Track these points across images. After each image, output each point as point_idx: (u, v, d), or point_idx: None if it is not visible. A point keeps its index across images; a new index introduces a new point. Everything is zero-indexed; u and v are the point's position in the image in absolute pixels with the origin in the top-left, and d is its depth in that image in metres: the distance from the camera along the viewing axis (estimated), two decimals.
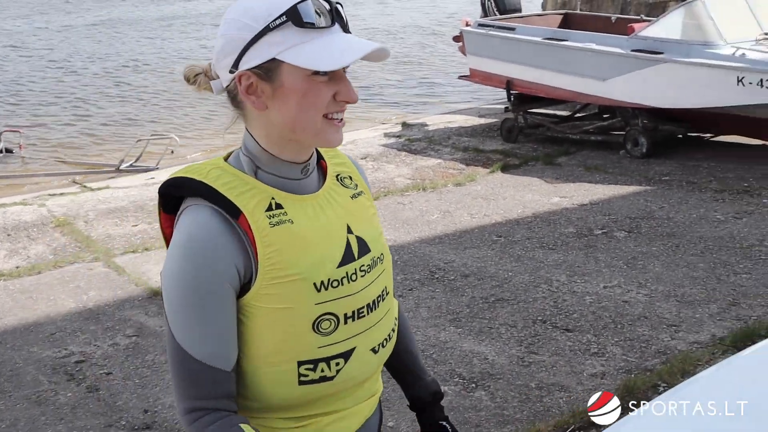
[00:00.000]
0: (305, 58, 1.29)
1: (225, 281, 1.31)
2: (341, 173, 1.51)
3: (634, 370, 3.92)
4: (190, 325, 1.32)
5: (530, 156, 8.92)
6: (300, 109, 1.32)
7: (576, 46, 8.89)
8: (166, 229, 1.44)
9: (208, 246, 1.30)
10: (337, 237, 1.41)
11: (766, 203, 6.44)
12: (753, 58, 7.42)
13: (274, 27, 1.29)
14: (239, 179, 1.36)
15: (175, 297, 1.32)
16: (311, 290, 1.34)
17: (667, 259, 5.39)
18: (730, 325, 4.32)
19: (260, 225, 1.32)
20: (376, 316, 1.45)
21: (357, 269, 1.41)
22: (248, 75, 1.33)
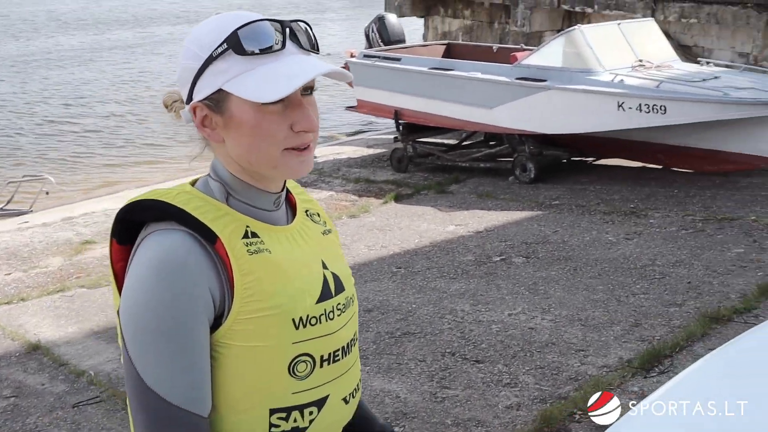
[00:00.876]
0: (248, 88, 1.18)
1: (202, 311, 1.18)
2: (309, 209, 1.41)
3: (549, 399, 3.87)
4: (164, 361, 1.16)
5: (422, 185, 8.93)
6: (253, 143, 1.22)
7: (462, 75, 9.00)
8: (117, 263, 1.28)
9: (185, 269, 1.17)
10: (313, 270, 1.30)
11: (653, 223, 6.63)
12: (631, 84, 7.71)
13: (217, 56, 1.20)
14: (211, 204, 1.24)
15: (145, 330, 1.16)
16: (289, 326, 1.22)
17: (567, 282, 5.43)
18: (636, 346, 4.36)
19: (238, 252, 1.20)
20: (348, 360, 1.34)
21: (334, 307, 1.30)
22: (201, 107, 1.23)
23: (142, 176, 11.21)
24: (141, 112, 15.69)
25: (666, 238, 6.20)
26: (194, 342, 1.17)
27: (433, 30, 15.55)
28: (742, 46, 10.87)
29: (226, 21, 1.22)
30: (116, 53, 25.26)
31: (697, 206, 7.02)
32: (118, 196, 9.55)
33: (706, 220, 6.56)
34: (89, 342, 5.16)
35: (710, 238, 6.09)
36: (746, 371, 2.13)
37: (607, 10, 12.17)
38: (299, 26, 1.24)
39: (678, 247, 5.97)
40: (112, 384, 4.46)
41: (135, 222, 1.25)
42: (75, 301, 5.94)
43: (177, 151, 12.64)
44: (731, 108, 7.18)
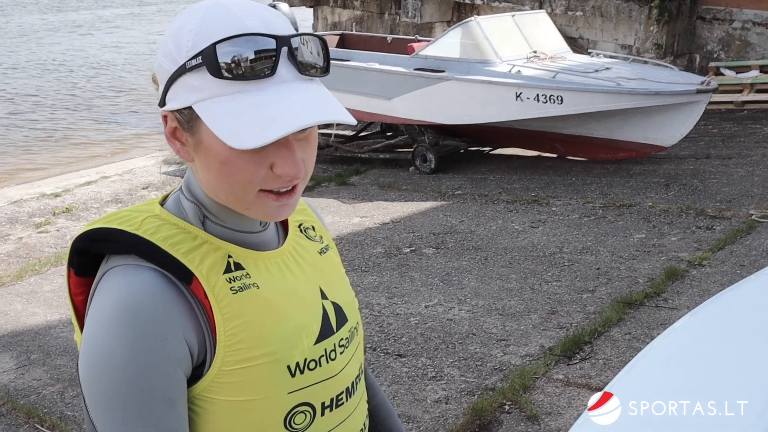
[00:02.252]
0: (219, 122, 0.94)
1: (176, 365, 0.98)
2: (303, 222, 1.20)
3: (476, 391, 3.85)
4: (131, 428, 0.96)
5: (322, 177, 8.80)
6: (221, 179, 1.00)
7: (359, 66, 8.92)
8: (76, 296, 1.08)
9: (155, 316, 0.96)
10: (311, 304, 1.10)
11: (556, 211, 6.77)
12: (528, 74, 7.84)
13: (190, 68, 0.96)
14: (185, 232, 1.04)
15: (108, 390, 0.96)
16: (284, 375, 1.03)
17: (480, 272, 5.45)
18: (555, 334, 4.41)
19: (219, 292, 1.00)
20: (353, 401, 1.16)
21: (336, 345, 1.11)
22: (172, 117, 1.01)
23: (23, 173, 10.54)
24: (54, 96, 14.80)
25: (570, 226, 6.34)
26: (167, 404, 0.98)
27: (323, 20, 15.40)
28: (625, 38, 11.30)
29: (210, 23, 0.96)
30: None
31: (595, 193, 7.22)
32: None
33: (606, 206, 6.75)
34: None
35: (612, 225, 6.27)
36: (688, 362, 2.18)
37: (496, 2, 12.38)
38: (305, 41, 0.98)
39: (583, 234, 6.11)
40: (11, 397, 4.12)
41: (94, 253, 1.05)
42: None
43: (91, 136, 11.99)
44: (624, 98, 7.42)
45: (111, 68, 18.97)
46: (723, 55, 10.94)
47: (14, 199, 8.46)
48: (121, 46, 22.95)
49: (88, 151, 11.72)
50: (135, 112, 14.29)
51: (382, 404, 1.39)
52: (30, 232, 7.31)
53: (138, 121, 13.54)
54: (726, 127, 9.37)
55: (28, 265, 6.26)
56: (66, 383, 4.25)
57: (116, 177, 9.50)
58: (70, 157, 11.35)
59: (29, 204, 8.26)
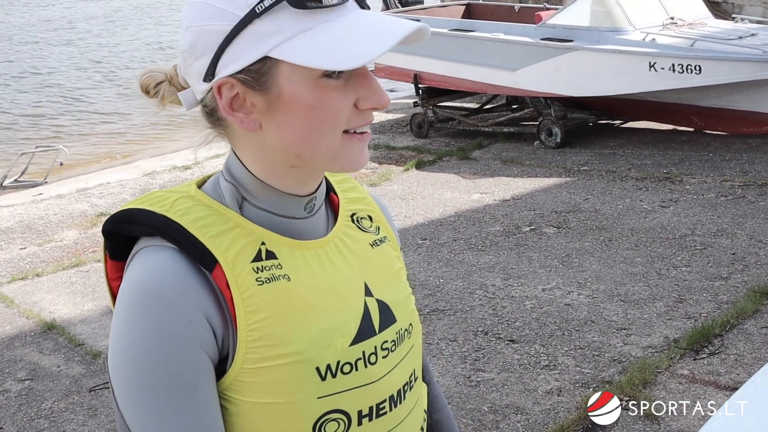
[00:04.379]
0: (313, 53, 0.89)
1: (203, 350, 0.91)
2: (358, 212, 1.10)
3: (592, 383, 3.64)
4: (166, 421, 0.90)
5: (444, 151, 8.65)
6: (309, 127, 0.93)
7: (484, 36, 8.67)
8: (113, 281, 1.02)
9: (175, 299, 0.90)
10: (351, 301, 1.01)
11: (690, 190, 6.34)
12: (663, 43, 7.36)
13: (262, 11, 0.89)
14: (217, 214, 0.97)
15: (135, 380, 0.90)
16: (313, 378, 0.94)
17: (602, 254, 5.18)
18: (681, 324, 4.11)
19: (243, 282, 0.93)
20: (401, 412, 1.04)
21: (378, 347, 1.01)
22: (231, 83, 0.93)
23: (158, 145, 10.98)
24: None
25: (704, 206, 5.91)
26: (198, 394, 0.91)
27: None
28: None
29: None
30: (135, 19, 24.94)
31: (734, 171, 6.70)
32: (134, 165, 9.36)
33: (746, 185, 6.25)
34: (106, 320, 4.98)
35: (752, 205, 5.79)
36: None
37: None
38: None
39: (718, 215, 5.68)
40: None
41: (126, 235, 0.99)
42: (91, 276, 5.75)
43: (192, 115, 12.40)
44: None
45: None
46: None
47: (148, 171, 8.82)
48: None
49: None
50: None
51: (444, 421, 1.26)
52: None
53: None
54: None
55: None
56: None
57: None
58: None
59: (161, 176, 8.58)
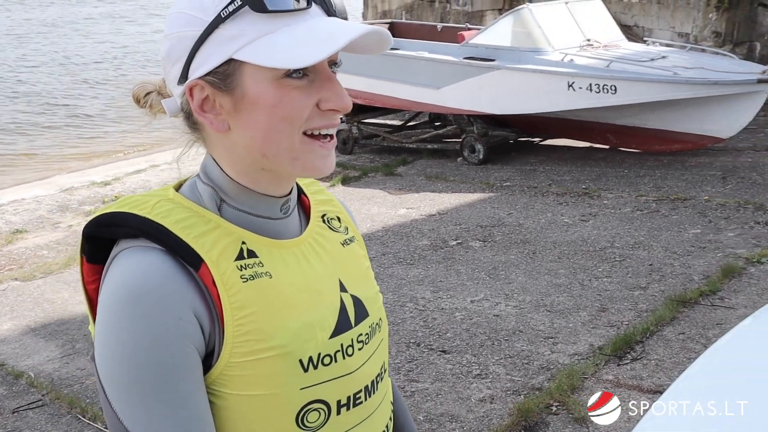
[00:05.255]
0: (272, 53, 0.93)
1: (192, 346, 0.94)
2: (327, 213, 1.16)
3: (522, 390, 3.74)
4: (153, 413, 0.93)
5: (369, 167, 8.73)
6: (271, 126, 0.97)
7: (409, 54, 8.81)
8: (89, 284, 1.04)
9: (167, 297, 0.93)
10: (328, 297, 1.06)
11: (608, 204, 6.59)
12: (581, 63, 7.64)
13: (226, 16, 0.95)
14: (198, 216, 1.00)
15: (127, 383, 0.93)
16: (296, 369, 0.99)
17: (527, 267, 5.32)
18: (605, 332, 4.27)
19: (228, 279, 0.97)
20: (373, 402, 1.10)
21: (354, 340, 1.06)
22: (201, 85, 0.98)
23: (76, 159, 10.69)
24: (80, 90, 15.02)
25: (622, 219, 6.15)
26: (190, 388, 0.94)
27: (372, 9, 15.30)
28: (682, 26, 10.96)
29: None
30: None
31: (648, 186, 7.00)
32: (50, 182, 9.09)
33: (660, 200, 6.54)
34: (26, 339, 4.82)
35: (666, 219, 6.06)
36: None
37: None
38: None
39: (635, 228, 5.92)
40: (55, 386, 4.15)
41: (105, 238, 1.02)
42: (8, 295, 5.56)
43: (117, 126, 12.13)
44: (681, 87, 7.17)
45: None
46: None
47: (65, 187, 8.57)
48: None
49: (136, 140, 11.83)
50: None
51: (399, 411, 1.31)
52: (80, 220, 7.39)
53: None
54: None
55: (77, 253, 6.32)
56: None
57: (165, 165, 9.55)
58: (118, 146, 11.47)
59: (80, 192, 8.36)
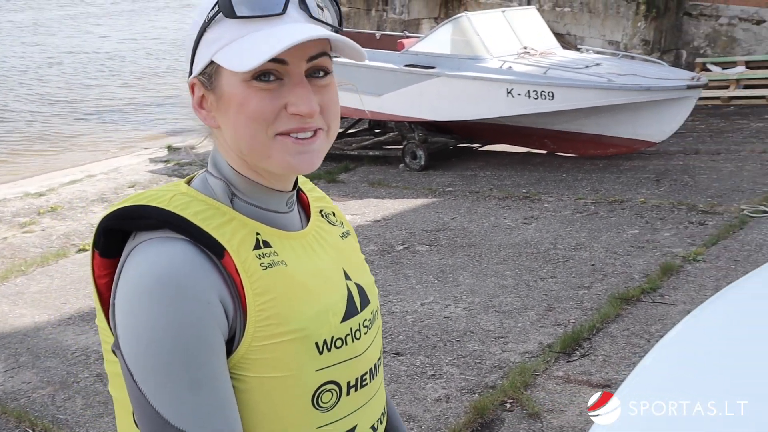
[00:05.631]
0: (233, 57, 1.00)
1: (218, 329, 0.99)
2: (324, 209, 1.23)
3: (477, 389, 3.81)
4: (184, 393, 0.97)
5: (311, 175, 8.47)
6: (240, 124, 1.02)
7: (349, 62, 8.82)
8: (100, 278, 1.07)
9: (193, 283, 0.97)
10: (336, 284, 1.12)
11: (548, 207, 6.75)
12: (519, 71, 7.81)
13: (209, 21, 1.03)
14: (213, 209, 1.05)
15: (157, 368, 0.97)
16: (312, 352, 1.05)
17: (474, 269, 5.42)
18: (553, 330, 4.38)
19: (250, 267, 1.02)
20: (376, 383, 1.17)
21: (360, 324, 1.13)
22: (197, 84, 1.06)
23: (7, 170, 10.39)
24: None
25: (563, 222, 6.32)
26: (217, 369, 0.99)
27: None
28: (612, 34, 11.31)
29: None
30: None
31: (586, 189, 7.20)
32: None
33: (598, 202, 6.74)
34: None
35: (605, 221, 6.25)
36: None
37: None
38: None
39: (576, 230, 6.09)
40: (0, 401, 4.04)
41: (120, 232, 1.05)
42: None
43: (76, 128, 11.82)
44: (615, 93, 7.41)
45: (100, 64, 18.77)
46: (709, 51, 10.97)
47: None
48: (125, 40, 22.71)
49: (74, 149, 11.58)
50: (120, 110, 14.16)
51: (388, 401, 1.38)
52: (14, 232, 7.19)
53: (123, 121, 13.40)
54: (713, 123, 9.39)
55: (14, 266, 6.16)
56: (57, 386, 4.17)
57: (101, 176, 9.39)
58: (53, 155, 11.20)
59: (13, 203, 8.14)
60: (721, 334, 2.35)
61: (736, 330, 2.35)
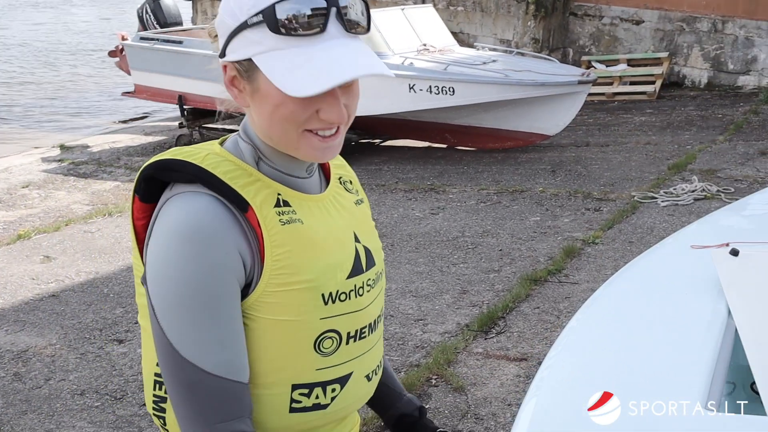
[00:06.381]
0: (275, 71, 1.10)
1: (234, 279, 1.13)
2: (343, 176, 1.37)
3: (402, 368, 3.98)
4: (200, 333, 1.11)
5: None
6: (273, 120, 1.15)
7: None
8: (138, 220, 1.21)
9: (217, 235, 1.11)
10: (346, 244, 1.25)
11: (453, 198, 7.00)
12: (421, 67, 8.05)
13: (251, 24, 1.11)
14: (241, 169, 1.18)
15: (178, 304, 1.11)
16: (318, 302, 1.18)
17: (388, 258, 5.58)
18: (469, 311, 4.60)
19: (270, 222, 1.15)
20: (374, 338, 1.31)
21: (364, 282, 1.26)
22: (231, 67, 1.16)
23: None
24: None
25: (468, 211, 6.58)
26: (229, 311, 1.13)
27: (202, 14, 15.13)
28: (503, 33, 11.77)
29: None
30: None
31: (488, 181, 7.50)
32: None
33: (500, 192, 7.04)
34: None
35: (508, 209, 6.55)
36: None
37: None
38: (352, 3, 1.13)
39: (481, 218, 6.36)
40: None
41: (159, 181, 1.19)
42: None
43: None
44: (512, 89, 7.75)
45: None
46: (594, 50, 11.58)
47: None
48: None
49: None
50: (8, 105, 13.60)
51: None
52: None
53: (10, 116, 12.88)
54: (600, 117, 9.94)
55: None
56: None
57: None
58: None
59: None
60: (628, 306, 2.60)
61: (642, 303, 2.60)
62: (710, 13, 10.71)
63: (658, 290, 2.73)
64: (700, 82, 10.94)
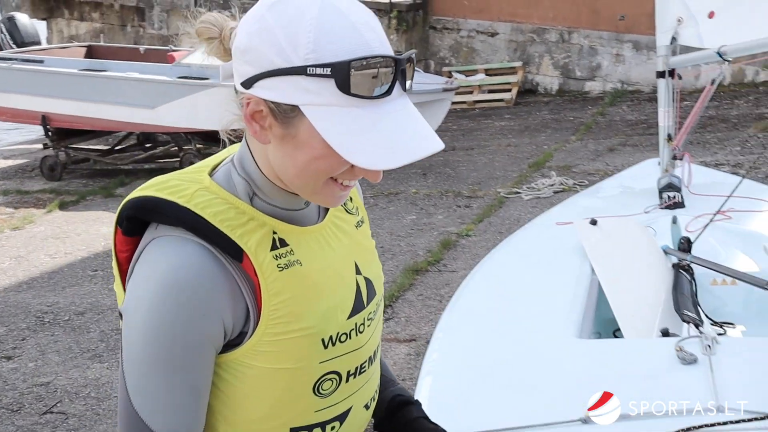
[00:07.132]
0: (334, 133, 0.98)
1: (211, 344, 1.05)
2: None
3: None
4: (158, 392, 1.04)
5: (85, 191, 8.55)
6: (306, 170, 1.03)
7: (120, 75, 8.78)
8: (121, 252, 1.11)
9: (198, 296, 1.01)
10: (346, 280, 1.15)
11: None
12: None
13: (313, 74, 0.97)
14: (234, 208, 1.06)
15: (144, 354, 1.03)
16: (318, 347, 1.10)
17: None
18: None
19: (267, 269, 1.05)
20: (373, 368, 1.22)
21: (365, 318, 1.17)
22: (259, 102, 1.01)
23: None
24: None
25: None
26: (192, 380, 1.05)
27: (58, 33, 14.70)
28: None
29: (330, 29, 0.98)
30: None
31: (362, 185, 7.62)
32: None
33: (376, 196, 7.33)
34: None
35: (385, 210, 6.86)
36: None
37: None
38: (409, 62, 1.02)
39: None
40: None
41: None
42: None
43: None
44: None
45: None
46: (454, 61, 12.17)
47: None
48: None
49: None
50: None
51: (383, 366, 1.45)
52: None
53: None
54: (463, 124, 10.47)
55: None
56: None
57: None
58: None
59: None
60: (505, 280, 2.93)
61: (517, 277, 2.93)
62: (558, 24, 11.51)
63: (530, 260, 3.09)
64: (552, 88, 11.72)
